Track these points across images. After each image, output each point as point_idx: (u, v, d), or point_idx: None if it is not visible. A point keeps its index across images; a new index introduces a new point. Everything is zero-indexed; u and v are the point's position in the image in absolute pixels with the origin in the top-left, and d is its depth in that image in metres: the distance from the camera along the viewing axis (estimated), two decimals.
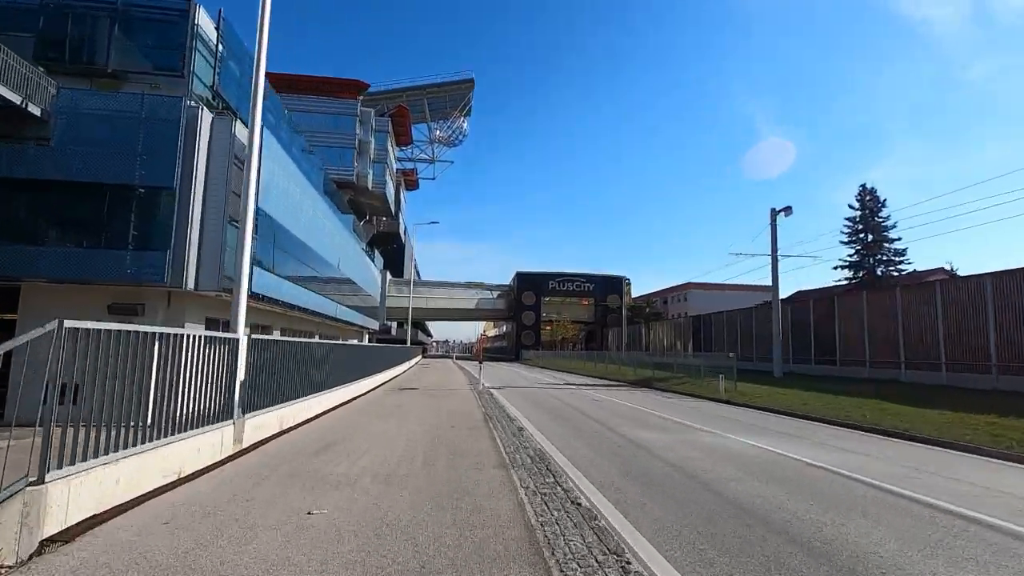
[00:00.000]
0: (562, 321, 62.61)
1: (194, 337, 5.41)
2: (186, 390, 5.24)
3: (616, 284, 67.81)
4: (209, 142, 13.26)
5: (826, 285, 45.56)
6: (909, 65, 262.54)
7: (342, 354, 13.36)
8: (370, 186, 44.25)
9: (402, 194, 65.27)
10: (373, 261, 56.15)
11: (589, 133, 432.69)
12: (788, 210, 22.34)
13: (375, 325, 52.45)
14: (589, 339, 65.95)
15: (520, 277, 66.54)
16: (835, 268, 43.87)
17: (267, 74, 8.76)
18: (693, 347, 39.73)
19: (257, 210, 15.04)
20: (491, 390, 17.84)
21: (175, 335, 5.03)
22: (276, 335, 23.29)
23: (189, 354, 5.25)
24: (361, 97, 45.18)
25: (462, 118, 60.94)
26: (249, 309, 8.51)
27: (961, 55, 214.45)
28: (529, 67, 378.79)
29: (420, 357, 57.70)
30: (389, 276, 59.33)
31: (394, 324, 65.84)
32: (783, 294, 26.61)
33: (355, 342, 36.43)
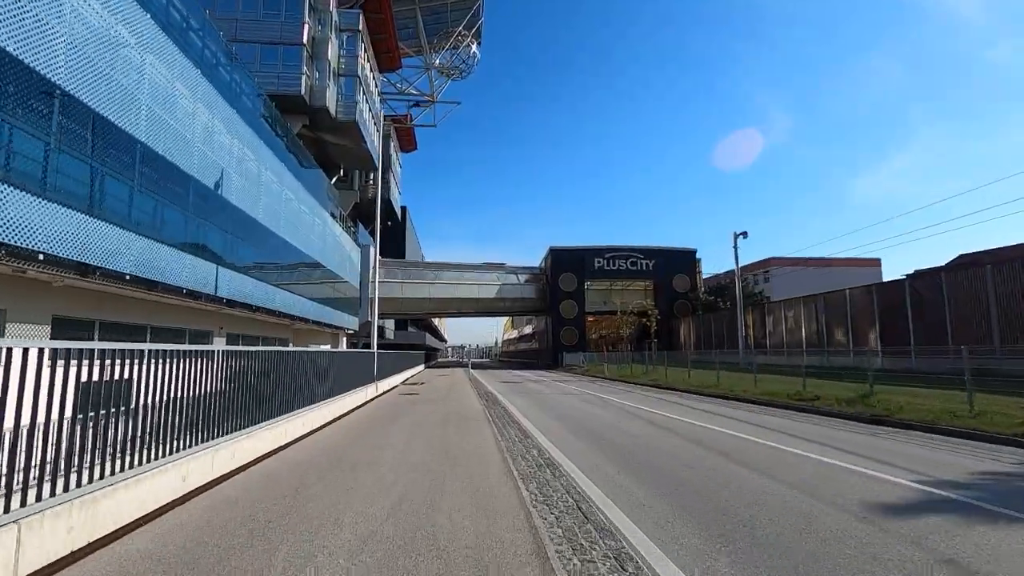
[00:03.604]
0: (637, 308, 42.77)
1: None
2: None
3: (686, 260, 49.73)
4: None
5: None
6: None
7: None
8: (332, 108, 28.23)
9: (394, 150, 49.17)
10: (357, 240, 40.57)
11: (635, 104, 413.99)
12: None
13: (354, 324, 36.55)
14: (642, 335, 48.27)
15: (555, 255, 48.77)
16: None
17: None
18: (882, 340, 22.83)
19: None
20: None
21: None
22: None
23: None
24: None
25: (471, 39, 44.70)
26: None
27: None
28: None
29: (421, 367, 41.66)
30: (377, 256, 43.06)
31: (388, 323, 49.59)
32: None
33: (326, 348, 20.82)
